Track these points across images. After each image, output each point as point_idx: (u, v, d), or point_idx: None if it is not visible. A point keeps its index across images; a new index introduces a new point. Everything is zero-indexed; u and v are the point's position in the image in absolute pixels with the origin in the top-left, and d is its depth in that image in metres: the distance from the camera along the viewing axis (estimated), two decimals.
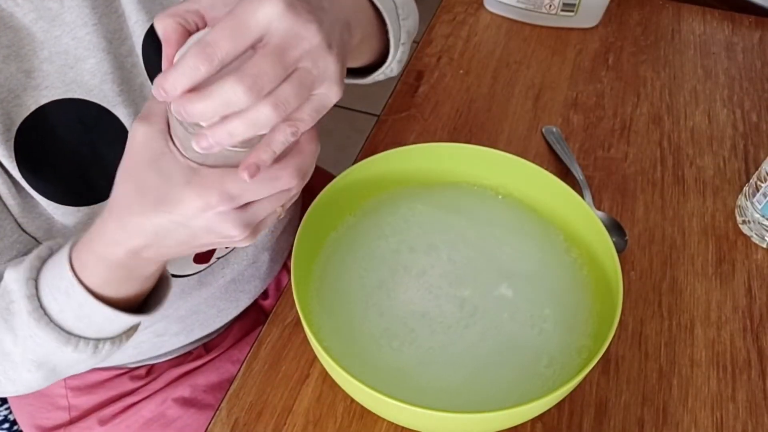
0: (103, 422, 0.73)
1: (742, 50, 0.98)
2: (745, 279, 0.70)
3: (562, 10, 0.99)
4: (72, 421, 0.74)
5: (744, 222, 0.74)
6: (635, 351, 0.64)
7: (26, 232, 0.58)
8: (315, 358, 0.62)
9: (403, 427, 0.58)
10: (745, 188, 0.74)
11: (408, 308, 0.60)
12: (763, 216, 0.71)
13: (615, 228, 0.73)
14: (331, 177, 0.63)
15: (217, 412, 0.60)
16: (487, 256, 0.63)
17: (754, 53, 0.98)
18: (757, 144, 0.84)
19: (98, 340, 0.51)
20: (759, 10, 1.04)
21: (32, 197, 0.56)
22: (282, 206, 0.44)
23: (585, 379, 0.52)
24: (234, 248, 0.71)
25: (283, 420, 0.59)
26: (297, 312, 0.54)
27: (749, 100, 0.90)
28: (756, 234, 0.73)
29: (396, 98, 0.89)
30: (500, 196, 0.68)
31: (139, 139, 0.41)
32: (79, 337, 0.50)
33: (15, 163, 0.54)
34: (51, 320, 0.49)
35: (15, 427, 0.80)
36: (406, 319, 0.59)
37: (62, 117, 0.56)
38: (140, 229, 0.43)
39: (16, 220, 0.57)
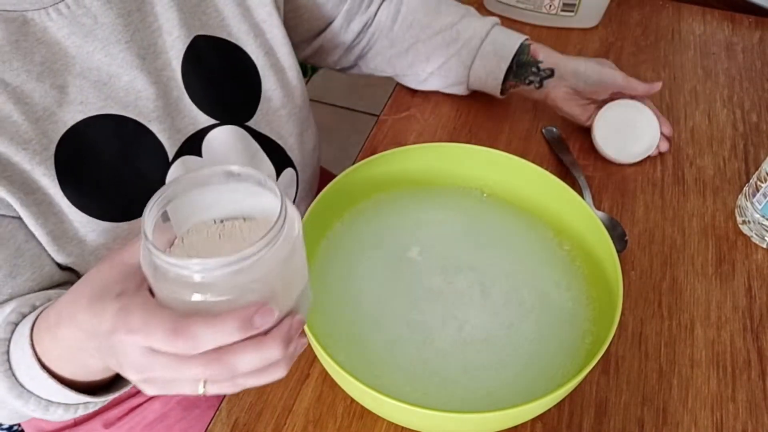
0: (107, 425, 0.73)
1: (742, 50, 0.98)
2: (745, 279, 0.70)
3: (562, 10, 0.99)
4: (76, 424, 0.74)
5: (744, 222, 0.74)
6: (635, 351, 0.64)
7: (58, 265, 0.57)
8: (315, 358, 0.62)
9: (403, 427, 0.58)
10: (745, 188, 0.74)
11: (407, 307, 0.60)
12: (763, 216, 0.71)
13: (615, 228, 0.73)
14: (332, 176, 0.63)
15: (217, 412, 0.60)
16: (485, 256, 0.63)
17: (754, 53, 0.98)
18: (757, 144, 0.84)
19: (49, 402, 0.50)
20: (759, 10, 1.04)
21: (64, 221, 0.56)
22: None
23: (585, 379, 0.52)
24: None
25: (283, 420, 0.59)
26: None
27: (749, 100, 0.90)
28: (756, 234, 0.73)
29: (396, 98, 0.89)
30: (498, 196, 0.68)
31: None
32: (31, 393, 0.49)
33: (56, 181, 0.54)
34: (10, 368, 0.49)
35: (15, 427, 0.80)
36: (405, 318, 0.59)
37: (99, 133, 0.56)
38: (75, 318, 0.41)
39: (45, 255, 0.56)
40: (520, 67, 0.80)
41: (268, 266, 0.36)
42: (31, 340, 0.47)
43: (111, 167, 0.58)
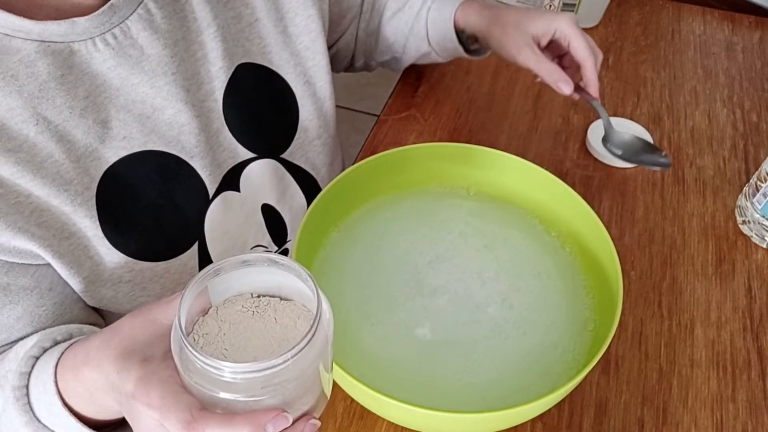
0: None
1: (742, 50, 0.98)
2: (745, 279, 0.70)
3: (562, 10, 0.99)
4: None
5: (744, 222, 0.74)
6: (635, 351, 0.64)
7: (84, 306, 0.57)
8: None
9: (403, 427, 0.58)
10: (745, 188, 0.74)
11: (405, 308, 0.60)
12: (763, 216, 0.71)
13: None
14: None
15: None
16: (484, 254, 0.63)
17: (754, 53, 0.98)
18: (757, 144, 0.84)
19: None
20: (759, 10, 1.04)
21: (99, 264, 0.55)
22: None
23: (585, 379, 0.52)
24: None
25: None
26: None
27: (749, 100, 0.90)
28: (756, 234, 0.73)
29: (396, 98, 0.89)
30: (497, 196, 0.68)
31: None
32: (46, 428, 0.49)
33: (97, 222, 0.53)
34: (29, 402, 0.48)
35: None
36: (403, 318, 0.59)
37: (141, 170, 0.55)
38: (102, 374, 0.41)
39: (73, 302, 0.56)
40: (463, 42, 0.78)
41: (294, 373, 0.37)
42: (55, 377, 0.46)
43: (151, 205, 0.56)
